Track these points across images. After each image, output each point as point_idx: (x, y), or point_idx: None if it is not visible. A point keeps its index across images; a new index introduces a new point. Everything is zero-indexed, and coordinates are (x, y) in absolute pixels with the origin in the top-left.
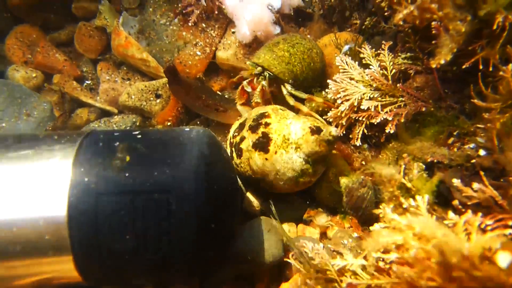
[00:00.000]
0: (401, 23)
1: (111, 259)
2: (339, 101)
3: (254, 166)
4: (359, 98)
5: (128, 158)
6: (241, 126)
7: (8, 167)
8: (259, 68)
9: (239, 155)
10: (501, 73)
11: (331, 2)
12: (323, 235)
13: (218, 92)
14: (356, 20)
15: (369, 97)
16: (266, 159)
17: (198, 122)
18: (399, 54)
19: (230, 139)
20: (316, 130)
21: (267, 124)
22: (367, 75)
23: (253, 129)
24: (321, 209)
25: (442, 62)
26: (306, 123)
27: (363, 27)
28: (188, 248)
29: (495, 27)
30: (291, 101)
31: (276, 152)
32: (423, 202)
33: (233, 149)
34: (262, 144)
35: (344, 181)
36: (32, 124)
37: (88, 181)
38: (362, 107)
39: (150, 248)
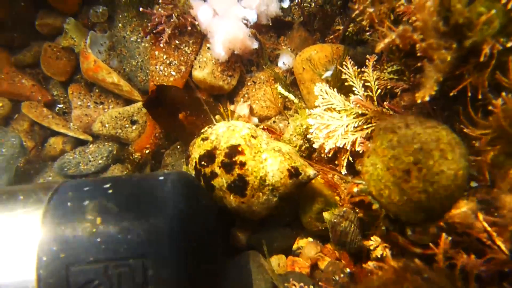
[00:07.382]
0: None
1: None
2: (322, 140)
3: (228, 205)
4: (343, 132)
5: (99, 220)
6: (211, 157)
7: None
8: None
9: (210, 189)
10: (490, 107)
11: (312, 9)
12: (315, 267)
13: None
14: (339, 26)
15: (354, 127)
16: (243, 202)
17: (178, 147)
18: (385, 67)
19: (196, 164)
20: (294, 173)
21: (242, 165)
22: (352, 102)
23: (227, 168)
24: (311, 238)
25: (427, 98)
26: (284, 163)
27: (346, 33)
28: None
29: (482, 58)
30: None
31: (253, 196)
32: None
33: (201, 178)
34: (238, 188)
35: (326, 216)
36: (1, 163)
37: (56, 250)
38: (338, 144)
39: None
